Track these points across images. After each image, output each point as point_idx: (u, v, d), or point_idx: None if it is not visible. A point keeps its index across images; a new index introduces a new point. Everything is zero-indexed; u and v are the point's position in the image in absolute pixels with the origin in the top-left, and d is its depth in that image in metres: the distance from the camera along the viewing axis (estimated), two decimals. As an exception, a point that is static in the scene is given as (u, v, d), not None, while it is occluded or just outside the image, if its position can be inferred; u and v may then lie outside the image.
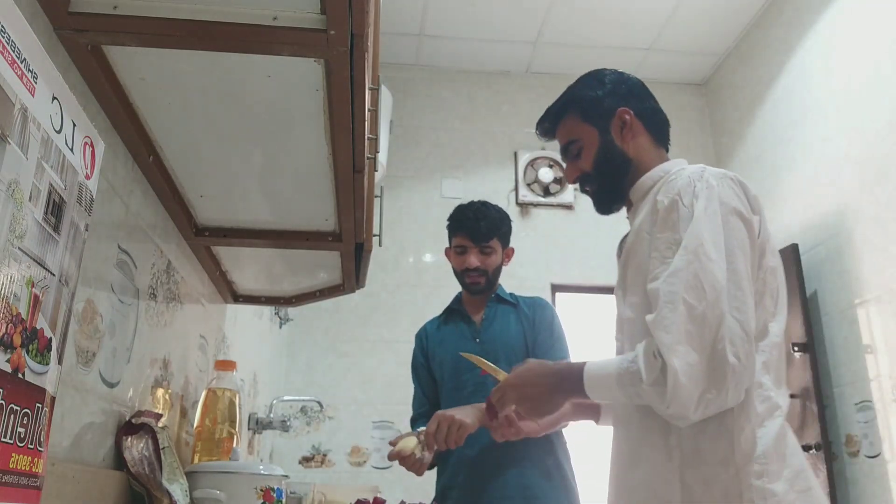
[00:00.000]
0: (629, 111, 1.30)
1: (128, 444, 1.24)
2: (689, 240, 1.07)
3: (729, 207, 1.11)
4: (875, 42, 3.03)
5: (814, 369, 3.10)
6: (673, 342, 1.02)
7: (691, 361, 1.01)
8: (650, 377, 1.05)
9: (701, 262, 1.05)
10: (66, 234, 0.88)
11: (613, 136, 1.29)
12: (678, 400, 1.01)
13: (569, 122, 1.33)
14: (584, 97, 1.32)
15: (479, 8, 3.86)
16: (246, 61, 1.07)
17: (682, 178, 1.14)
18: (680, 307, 1.04)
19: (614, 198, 1.31)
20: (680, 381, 1.01)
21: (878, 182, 2.95)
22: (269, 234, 1.63)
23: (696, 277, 1.05)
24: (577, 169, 1.32)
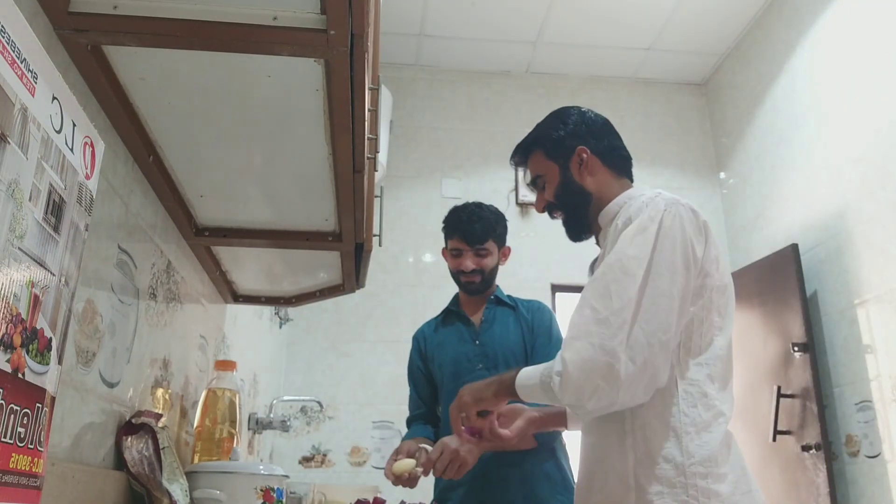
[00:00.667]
0: (586, 150, 1.40)
1: (128, 444, 1.24)
2: (611, 255, 1.19)
3: (671, 230, 1.19)
4: (875, 42, 3.03)
5: (814, 369, 3.10)
6: (570, 338, 1.15)
7: (585, 356, 1.11)
8: (556, 367, 1.16)
9: (615, 274, 1.16)
10: (66, 234, 0.88)
11: (573, 172, 1.40)
12: (567, 388, 1.13)
13: (535, 158, 1.45)
14: (548, 136, 1.44)
15: (479, 8, 3.86)
16: (246, 61, 1.07)
17: (636, 203, 1.25)
18: (585, 311, 1.16)
19: (580, 226, 1.43)
20: (569, 370, 1.12)
21: (878, 182, 2.95)
22: (269, 234, 1.63)
23: (606, 287, 1.16)
24: (543, 200, 1.45)
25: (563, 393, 1.13)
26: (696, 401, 1.16)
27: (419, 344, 2.18)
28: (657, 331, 1.13)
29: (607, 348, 1.11)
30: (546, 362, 1.22)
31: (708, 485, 1.12)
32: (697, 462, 1.13)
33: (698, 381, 1.18)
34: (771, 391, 3.21)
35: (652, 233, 1.18)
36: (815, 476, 2.98)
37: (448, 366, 2.05)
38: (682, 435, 1.14)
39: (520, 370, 1.27)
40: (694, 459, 1.13)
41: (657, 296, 1.15)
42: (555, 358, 1.18)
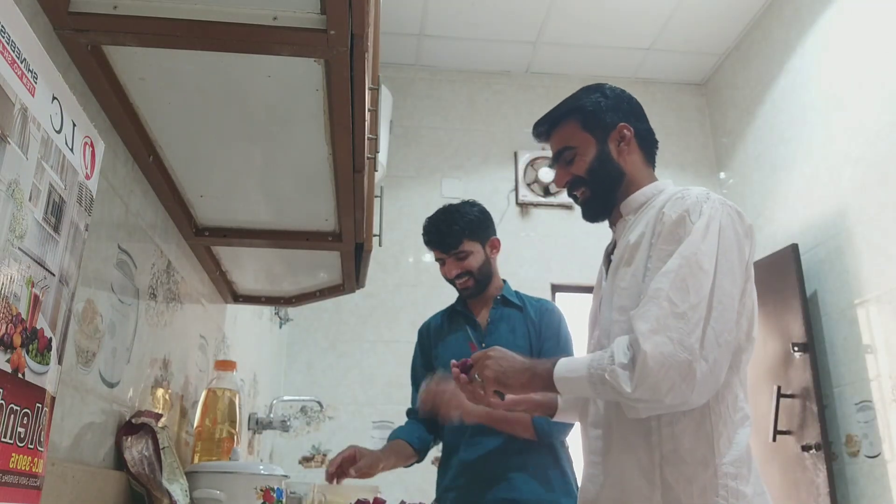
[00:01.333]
0: (629, 127, 1.36)
1: (128, 444, 1.24)
2: (685, 247, 1.15)
3: (728, 231, 1.18)
4: (875, 42, 3.03)
5: (814, 369, 3.10)
6: (649, 330, 1.09)
7: (664, 351, 1.07)
8: (620, 360, 1.11)
9: (691, 268, 1.13)
10: (66, 234, 0.88)
11: (611, 148, 1.35)
12: (645, 383, 1.08)
13: (567, 128, 1.37)
14: (587, 106, 1.36)
15: (479, 8, 3.86)
16: (246, 61, 1.07)
17: (691, 197, 1.21)
18: (663, 303, 1.11)
19: (604, 207, 1.37)
20: (649, 364, 1.07)
21: (878, 182, 2.95)
22: (269, 234, 1.63)
23: (683, 280, 1.12)
24: (568, 173, 1.36)
25: (638, 385, 1.08)
26: (728, 401, 1.16)
27: (423, 338, 2.14)
28: (724, 331, 1.12)
29: (686, 345, 1.08)
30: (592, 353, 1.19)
31: (737, 486, 1.12)
32: (728, 462, 1.13)
33: (730, 383, 1.17)
34: (771, 391, 3.21)
35: (715, 231, 1.17)
36: (815, 476, 2.98)
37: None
38: (714, 435, 1.14)
39: (556, 360, 1.20)
40: (725, 460, 1.13)
41: (723, 295, 1.13)
42: (611, 348, 1.14)
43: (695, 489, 1.11)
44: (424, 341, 2.14)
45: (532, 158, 4.16)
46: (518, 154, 4.18)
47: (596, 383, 1.13)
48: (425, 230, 2.04)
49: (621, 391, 1.10)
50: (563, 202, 4.11)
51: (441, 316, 2.16)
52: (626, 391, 1.09)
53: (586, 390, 1.16)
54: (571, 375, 1.17)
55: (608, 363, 1.12)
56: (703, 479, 1.11)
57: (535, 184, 4.13)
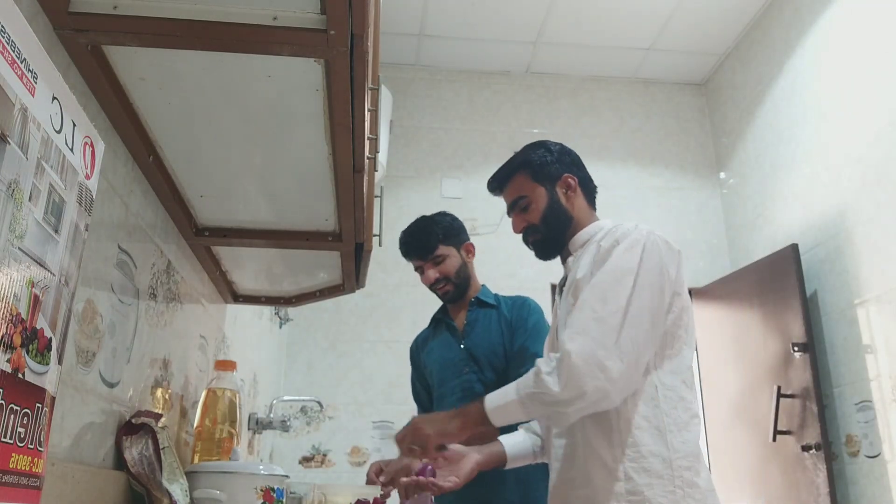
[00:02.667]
0: (573, 176, 1.53)
1: (128, 444, 1.24)
2: (608, 264, 1.31)
3: (651, 252, 1.32)
4: (875, 42, 3.03)
5: (814, 369, 3.10)
6: (571, 333, 1.25)
7: (586, 349, 1.22)
8: (544, 370, 1.24)
9: (610, 282, 1.29)
10: (66, 234, 0.88)
11: (559, 196, 1.51)
12: (573, 378, 1.20)
13: (520, 180, 1.54)
14: (535, 160, 1.53)
15: (479, 8, 3.86)
16: (246, 61, 1.07)
17: (622, 229, 1.38)
18: (585, 310, 1.27)
19: (555, 247, 1.53)
20: (573, 360, 1.21)
21: (878, 182, 2.95)
22: (269, 234, 1.63)
23: (603, 292, 1.28)
24: (524, 221, 1.53)
25: (566, 384, 1.21)
26: (675, 403, 1.30)
27: (413, 355, 2.21)
28: (637, 338, 1.25)
29: (605, 344, 1.23)
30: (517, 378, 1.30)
31: (691, 477, 1.25)
32: (682, 456, 1.26)
33: (675, 387, 1.31)
34: (771, 391, 3.21)
35: (638, 252, 1.32)
36: (815, 476, 2.98)
37: (437, 371, 2.06)
38: (667, 433, 1.27)
39: (482, 399, 1.31)
40: (679, 454, 1.26)
41: (640, 308, 1.27)
42: (533, 367, 1.26)
43: (654, 480, 1.24)
44: (415, 356, 2.19)
45: (532, 158, 4.15)
46: (518, 154, 4.18)
47: (525, 401, 1.25)
48: (402, 241, 2.09)
49: (549, 393, 1.22)
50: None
51: (426, 331, 2.22)
52: (555, 391, 1.21)
53: (518, 412, 1.27)
54: (501, 402, 1.28)
55: (533, 377, 1.25)
56: (661, 471, 1.24)
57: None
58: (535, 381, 1.24)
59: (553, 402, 1.23)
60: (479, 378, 1.99)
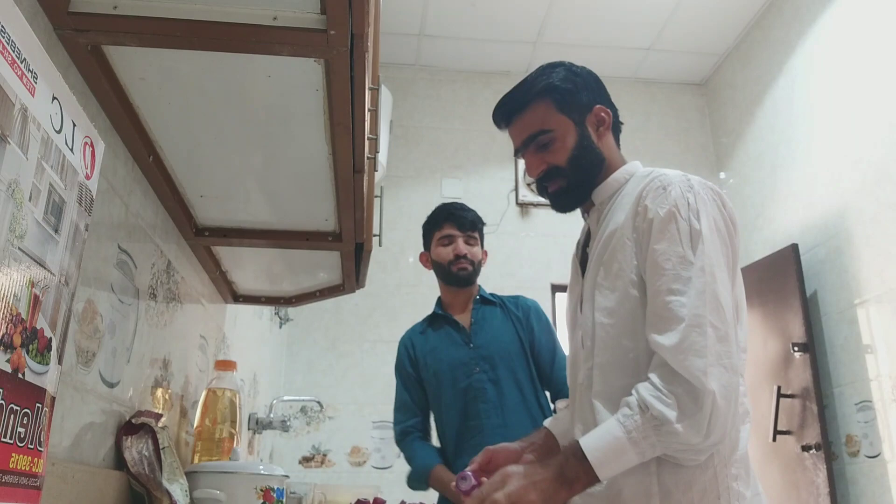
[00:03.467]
0: (607, 110, 1.25)
1: (128, 444, 1.24)
2: (704, 260, 1.05)
3: (720, 225, 1.10)
4: (875, 41, 3.03)
5: (814, 369, 3.10)
6: (707, 365, 0.99)
7: (725, 383, 0.99)
8: (678, 412, 0.98)
9: (717, 283, 1.05)
10: (66, 234, 0.88)
11: (590, 133, 1.23)
12: (718, 424, 0.98)
13: (540, 110, 1.22)
14: (561, 87, 1.22)
15: (479, 8, 3.86)
16: (246, 61, 1.07)
17: (674, 189, 1.10)
18: (708, 330, 1.02)
19: (580, 196, 1.24)
20: (719, 404, 0.98)
21: (878, 182, 2.95)
22: (269, 234, 1.63)
23: (715, 299, 1.04)
24: (544, 161, 1.22)
25: (711, 431, 0.98)
26: None
27: (408, 350, 2.15)
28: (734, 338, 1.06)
29: (735, 367, 1.02)
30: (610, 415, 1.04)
31: (738, 487, 1.05)
32: (731, 463, 1.06)
33: None
34: (771, 391, 3.21)
35: (714, 229, 1.08)
36: (815, 476, 2.98)
37: (445, 373, 2.03)
38: None
39: (577, 448, 1.00)
40: (725, 461, 1.05)
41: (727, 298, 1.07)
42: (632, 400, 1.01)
43: (695, 493, 1.03)
44: (410, 352, 2.15)
45: (532, 158, 4.16)
46: (518, 154, 4.18)
47: (645, 449, 0.99)
48: (443, 209, 2.11)
49: (688, 444, 0.98)
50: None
51: (420, 326, 2.18)
52: (696, 442, 0.98)
53: (632, 462, 1.00)
54: (612, 455, 0.99)
55: (650, 421, 0.99)
56: (703, 482, 1.03)
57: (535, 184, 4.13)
58: (657, 426, 0.98)
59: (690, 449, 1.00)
60: (489, 378, 1.98)
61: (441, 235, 2.08)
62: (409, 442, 2.06)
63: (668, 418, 0.98)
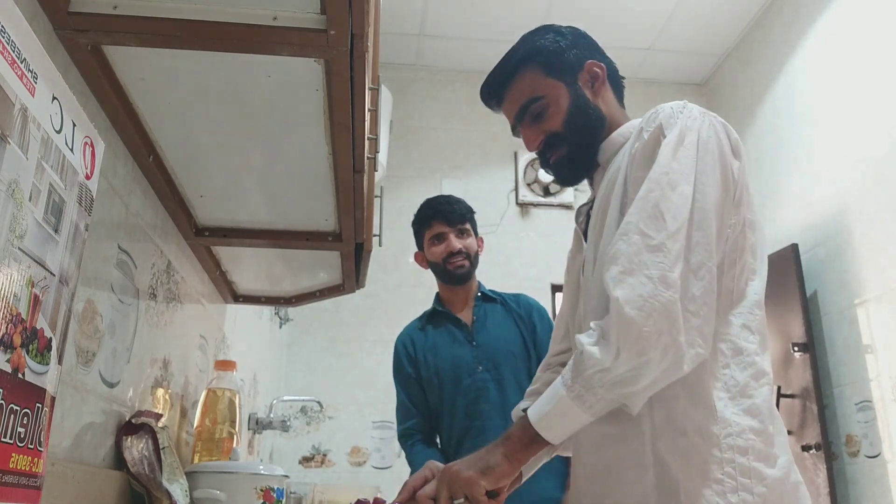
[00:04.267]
0: (599, 64, 1.17)
1: (128, 444, 1.24)
2: (654, 168, 0.95)
3: (710, 143, 0.98)
4: (875, 42, 3.03)
5: (814, 369, 3.10)
6: (620, 272, 0.89)
7: (644, 293, 0.86)
8: (587, 341, 0.89)
9: (663, 190, 0.93)
10: (66, 234, 0.88)
11: (584, 91, 1.14)
12: (628, 339, 0.85)
13: (527, 79, 1.15)
14: (545, 49, 1.15)
15: (479, 8, 3.86)
16: (246, 61, 1.07)
17: (665, 110, 1.01)
18: (634, 237, 0.91)
19: (586, 161, 1.14)
20: (625, 312, 0.85)
21: (878, 182, 2.95)
22: (269, 234, 1.63)
23: (655, 206, 0.92)
24: (541, 132, 1.13)
25: (622, 347, 0.85)
26: (727, 359, 0.95)
27: (406, 349, 2.10)
28: (710, 268, 0.91)
29: (669, 281, 0.87)
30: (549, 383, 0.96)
31: (749, 462, 0.90)
32: (735, 433, 0.91)
33: (730, 336, 0.96)
34: (771, 391, 3.21)
35: (692, 143, 0.97)
36: (815, 476, 2.98)
37: (447, 371, 1.99)
38: (715, 400, 0.92)
39: (522, 415, 0.96)
40: (731, 430, 0.90)
41: (706, 224, 0.93)
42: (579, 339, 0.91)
43: (693, 464, 0.89)
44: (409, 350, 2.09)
45: (532, 158, 4.16)
46: (518, 154, 4.18)
47: (579, 392, 0.89)
48: (429, 205, 2.07)
49: (602, 369, 0.87)
50: (563, 202, 4.11)
51: (418, 323, 2.15)
52: (607, 362, 0.87)
53: (575, 412, 0.90)
54: (548, 406, 0.92)
55: (575, 359, 0.91)
56: (704, 451, 0.90)
57: (535, 184, 4.13)
58: (580, 361, 0.89)
59: (613, 381, 0.87)
60: (493, 377, 1.95)
61: (432, 234, 2.06)
62: (409, 446, 2.03)
63: (582, 342, 0.89)
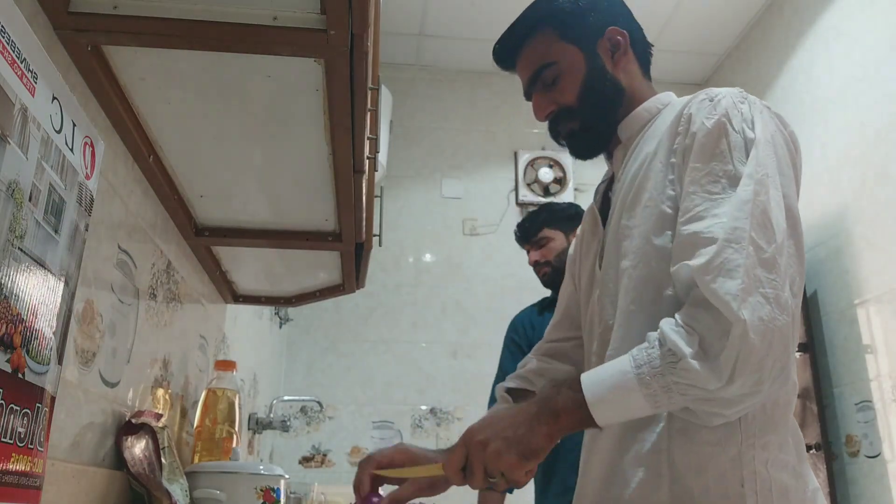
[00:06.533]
0: (622, 31, 1.07)
1: (128, 444, 1.24)
2: (755, 167, 0.85)
3: (780, 141, 0.91)
4: (875, 42, 3.03)
5: (814, 369, 3.10)
6: (739, 288, 0.77)
7: (764, 316, 0.77)
8: (698, 347, 0.78)
9: (769, 195, 0.83)
10: (66, 234, 0.88)
11: (603, 60, 1.05)
12: (748, 367, 0.76)
13: (542, 42, 1.07)
14: (563, 11, 1.06)
15: (479, 8, 3.86)
16: (246, 61, 1.07)
17: (726, 98, 0.91)
18: (748, 248, 0.80)
19: (602, 136, 1.06)
20: (751, 339, 0.75)
21: (878, 182, 2.94)
22: (269, 234, 1.63)
23: (763, 214, 0.82)
24: (553, 101, 1.05)
25: (737, 374, 0.76)
26: None
27: (525, 331, 2.20)
28: (799, 276, 0.85)
29: (783, 303, 0.78)
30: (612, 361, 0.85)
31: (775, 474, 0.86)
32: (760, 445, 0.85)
33: None
34: (771, 391, 3.21)
35: (769, 141, 0.88)
36: (815, 476, 2.98)
37: None
38: None
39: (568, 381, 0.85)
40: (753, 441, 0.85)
41: (795, 227, 0.86)
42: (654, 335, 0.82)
43: (709, 477, 0.83)
44: (528, 332, 2.19)
45: (532, 158, 4.16)
46: (518, 154, 4.18)
47: (657, 391, 0.79)
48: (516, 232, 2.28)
49: (705, 388, 0.78)
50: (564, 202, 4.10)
51: (534, 309, 2.27)
52: (714, 386, 0.77)
53: (640, 405, 0.80)
54: (613, 395, 0.81)
55: (664, 356, 0.80)
56: (721, 463, 0.84)
57: (535, 184, 4.13)
58: (672, 363, 0.79)
59: (708, 398, 0.79)
60: None
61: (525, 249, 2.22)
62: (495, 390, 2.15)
63: (683, 352, 0.78)
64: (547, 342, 1.22)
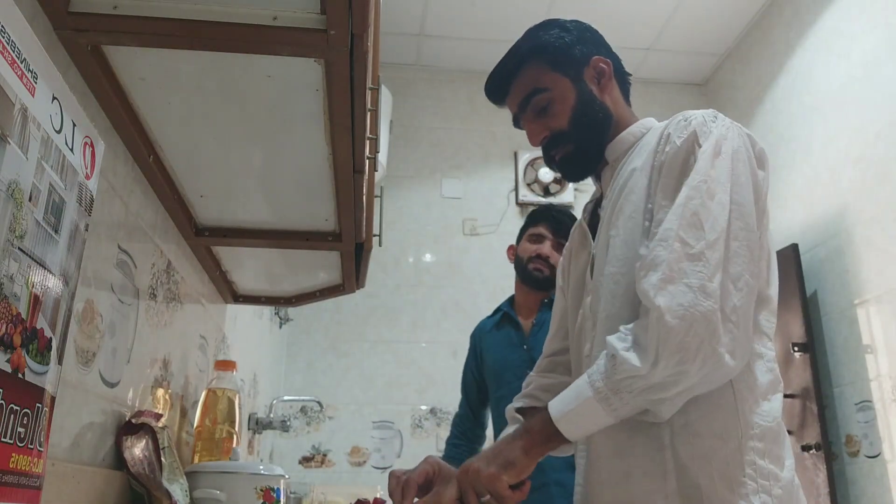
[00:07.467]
0: (606, 60, 1.16)
1: (128, 444, 1.24)
2: (693, 176, 0.95)
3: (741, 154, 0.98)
4: (875, 42, 3.03)
5: (814, 369, 3.10)
6: (661, 280, 0.88)
7: (684, 301, 0.86)
8: (621, 346, 0.89)
9: (702, 198, 0.93)
10: (66, 234, 0.88)
11: (591, 87, 1.13)
12: (668, 348, 0.85)
13: (532, 73, 1.15)
14: (551, 44, 1.16)
15: (479, 8, 3.86)
16: (246, 61, 1.07)
17: (697, 118, 1.01)
18: (674, 244, 0.90)
19: (593, 159, 1.13)
20: (667, 321, 0.85)
21: (878, 182, 2.95)
22: (269, 234, 1.63)
23: (695, 215, 0.92)
24: (546, 127, 1.13)
25: (660, 357, 0.85)
26: (751, 363, 0.96)
27: (475, 343, 2.19)
28: (743, 273, 0.91)
29: (709, 291, 0.87)
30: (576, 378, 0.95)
31: (767, 465, 0.92)
32: (756, 436, 0.93)
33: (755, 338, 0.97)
34: (771, 391, 3.21)
35: (727, 153, 0.96)
36: (815, 476, 2.98)
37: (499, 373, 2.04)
38: (739, 402, 0.93)
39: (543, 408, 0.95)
40: (753, 432, 0.92)
41: (741, 230, 0.93)
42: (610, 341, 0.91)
43: (715, 467, 0.90)
44: (477, 344, 2.18)
45: (532, 158, 4.16)
46: (518, 154, 4.18)
47: (606, 394, 0.89)
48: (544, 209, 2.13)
49: (637, 375, 0.87)
50: (563, 202, 4.10)
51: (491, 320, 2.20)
52: (642, 369, 0.86)
53: (598, 413, 0.90)
54: (572, 404, 0.91)
55: (607, 361, 0.90)
56: (724, 454, 0.91)
57: (535, 184, 4.13)
58: (612, 364, 0.89)
59: (646, 386, 0.87)
60: None
61: (533, 232, 2.08)
62: (446, 440, 2.15)
63: (617, 348, 0.89)
64: (546, 357, 1.28)
